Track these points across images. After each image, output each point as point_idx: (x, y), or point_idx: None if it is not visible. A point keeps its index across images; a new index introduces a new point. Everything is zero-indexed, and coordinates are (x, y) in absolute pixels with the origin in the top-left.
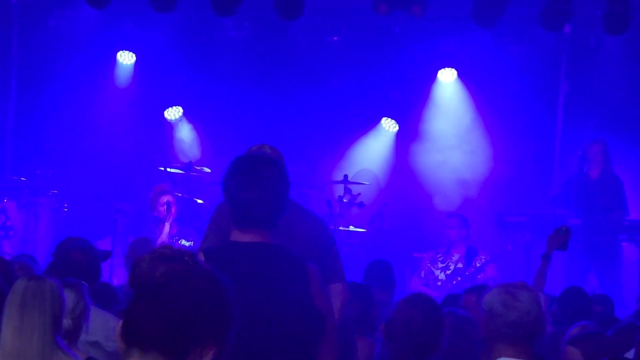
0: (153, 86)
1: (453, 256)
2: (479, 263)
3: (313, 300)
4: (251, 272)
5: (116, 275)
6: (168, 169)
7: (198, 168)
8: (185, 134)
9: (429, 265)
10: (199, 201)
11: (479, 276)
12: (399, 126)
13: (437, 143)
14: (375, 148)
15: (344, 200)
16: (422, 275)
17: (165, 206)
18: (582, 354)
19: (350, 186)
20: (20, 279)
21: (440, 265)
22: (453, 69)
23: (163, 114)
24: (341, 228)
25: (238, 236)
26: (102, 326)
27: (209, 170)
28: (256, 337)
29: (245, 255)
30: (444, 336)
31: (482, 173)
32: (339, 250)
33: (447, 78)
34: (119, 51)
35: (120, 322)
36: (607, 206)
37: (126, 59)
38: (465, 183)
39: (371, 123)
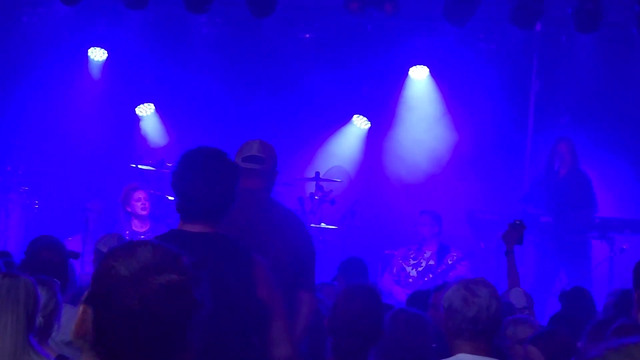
0: (125, 83)
1: (425, 253)
2: (450, 260)
3: (256, 290)
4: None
5: (87, 272)
6: (139, 166)
7: (169, 165)
8: (157, 130)
9: (401, 262)
10: (171, 198)
11: (450, 274)
12: (370, 123)
13: (408, 140)
14: (347, 145)
15: (316, 197)
16: (394, 272)
17: (140, 202)
18: (543, 354)
19: (322, 183)
20: None
21: (412, 262)
22: (425, 67)
23: (134, 111)
24: (313, 225)
25: (184, 226)
26: None
27: None
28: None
29: (190, 243)
30: (384, 326)
31: (454, 170)
32: (314, 259)
33: (418, 75)
34: (90, 48)
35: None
36: (577, 204)
37: (98, 55)
38: (436, 180)
39: (343, 120)
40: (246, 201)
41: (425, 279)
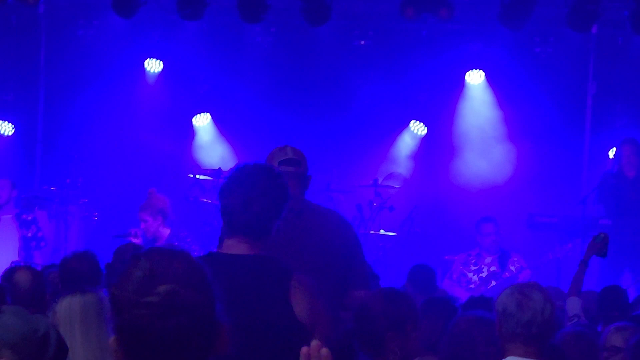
0: (181, 93)
1: (486, 259)
2: (513, 266)
3: (292, 310)
4: (233, 284)
5: None
6: (197, 176)
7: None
8: (214, 140)
9: (461, 267)
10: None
11: (515, 281)
12: (427, 129)
13: (464, 145)
14: (404, 151)
15: (374, 204)
16: (454, 278)
17: (142, 223)
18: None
19: (380, 190)
20: (68, 296)
21: (472, 267)
22: (481, 71)
23: (191, 121)
24: (372, 232)
25: (226, 245)
26: None
27: None
28: (236, 349)
29: (228, 266)
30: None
31: (512, 174)
32: (363, 256)
33: (474, 80)
34: (146, 59)
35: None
36: None
37: (154, 67)
38: (494, 184)
39: (400, 126)
40: None
41: (489, 285)
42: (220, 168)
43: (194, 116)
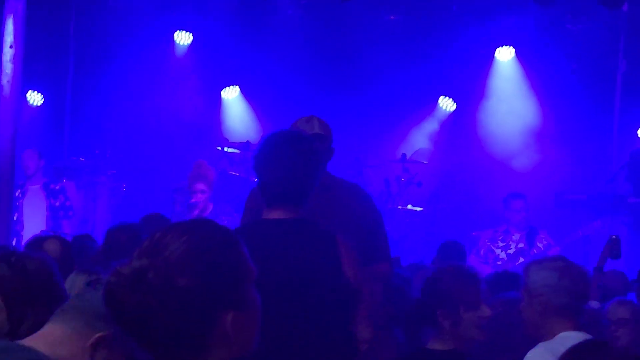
0: (210, 66)
1: (514, 235)
2: (541, 244)
3: (343, 272)
4: (281, 248)
5: None
6: (225, 149)
7: (254, 147)
8: (242, 113)
9: (489, 243)
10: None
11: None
12: (456, 105)
13: (494, 121)
14: (432, 127)
15: (402, 179)
16: (481, 254)
17: (199, 194)
18: None
19: (408, 165)
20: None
21: (500, 244)
22: (511, 48)
23: (220, 94)
24: (399, 207)
25: (267, 214)
26: None
27: None
28: (287, 309)
29: (273, 231)
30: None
31: (540, 151)
32: (385, 229)
33: (504, 56)
34: (176, 31)
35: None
36: None
37: (183, 39)
38: (523, 161)
39: (429, 102)
40: None
41: (517, 262)
42: (248, 141)
43: (222, 89)
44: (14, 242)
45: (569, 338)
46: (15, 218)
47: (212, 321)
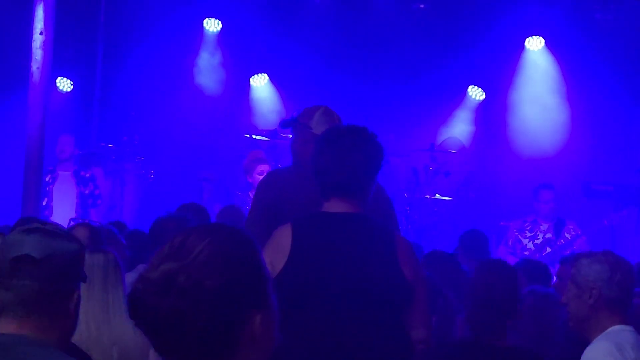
0: (239, 53)
1: (541, 225)
2: (568, 234)
3: (401, 270)
4: (339, 241)
5: None
6: (254, 136)
7: (283, 135)
8: (271, 100)
9: (517, 233)
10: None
11: (570, 249)
12: (485, 94)
13: (523, 111)
14: (461, 116)
15: (430, 168)
16: (509, 244)
17: (262, 175)
18: None
19: (436, 154)
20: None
21: (528, 234)
22: (540, 37)
23: (249, 81)
24: (427, 196)
25: (329, 207)
26: None
27: None
28: (344, 305)
29: (332, 224)
30: (521, 303)
31: (569, 141)
32: (397, 219)
33: (534, 46)
34: (205, 18)
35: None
36: None
37: (212, 26)
38: (552, 151)
39: (458, 91)
40: None
41: (544, 252)
42: (276, 129)
43: (251, 76)
44: None
45: (623, 332)
46: (44, 203)
47: (241, 322)
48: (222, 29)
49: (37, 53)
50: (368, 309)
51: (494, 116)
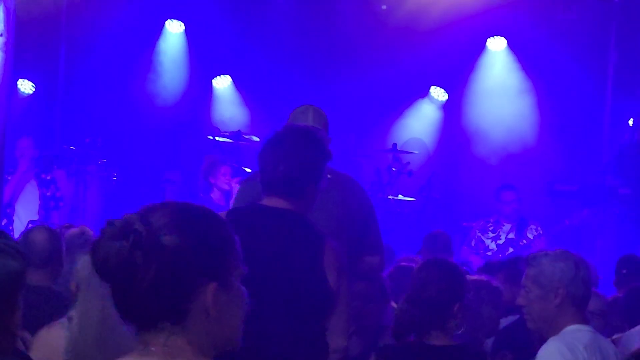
0: (201, 55)
1: (504, 226)
2: (531, 235)
3: (324, 274)
4: (265, 235)
5: None
6: (217, 138)
7: (246, 137)
8: (233, 102)
9: (479, 234)
10: (248, 170)
11: (533, 249)
12: (448, 95)
13: (485, 111)
14: (424, 117)
15: (393, 169)
16: (472, 245)
17: (225, 177)
18: None
19: (399, 155)
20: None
21: (490, 234)
22: (502, 38)
23: (211, 83)
24: (390, 197)
25: (265, 201)
26: None
27: (257, 139)
28: (262, 298)
29: (263, 217)
30: (464, 300)
31: (532, 142)
32: (377, 222)
33: (496, 47)
34: (167, 20)
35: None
36: None
37: (175, 27)
38: (514, 151)
39: (420, 92)
40: None
41: (506, 252)
42: (239, 130)
43: (214, 78)
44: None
45: (579, 332)
46: (7, 209)
47: (193, 286)
48: (184, 30)
49: None
50: (285, 303)
51: (456, 117)
